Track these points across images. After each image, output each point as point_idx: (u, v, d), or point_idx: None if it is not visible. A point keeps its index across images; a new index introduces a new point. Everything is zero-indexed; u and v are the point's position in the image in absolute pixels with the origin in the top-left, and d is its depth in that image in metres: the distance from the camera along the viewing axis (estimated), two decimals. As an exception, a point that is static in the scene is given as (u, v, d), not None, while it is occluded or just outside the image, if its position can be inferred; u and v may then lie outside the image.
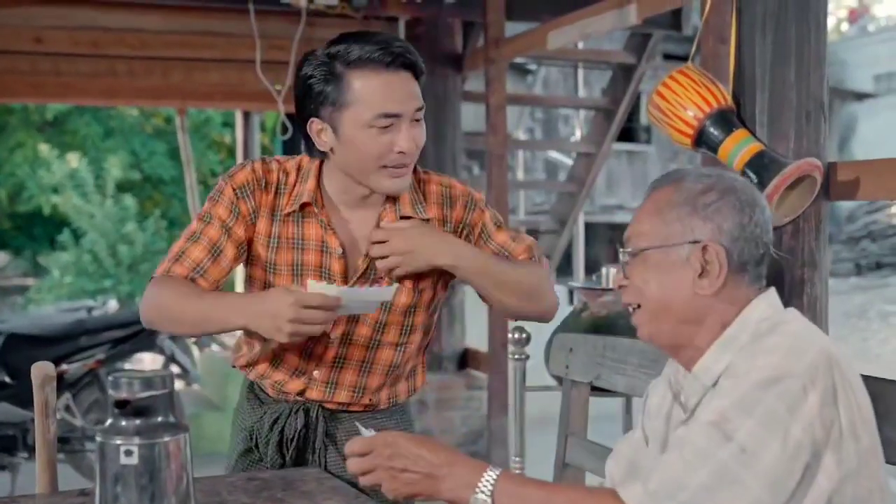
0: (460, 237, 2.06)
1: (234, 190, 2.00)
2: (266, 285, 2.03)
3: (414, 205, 2.03)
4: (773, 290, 1.56)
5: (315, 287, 1.83)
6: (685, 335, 1.53)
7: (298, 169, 2.03)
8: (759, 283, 1.55)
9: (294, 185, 2.02)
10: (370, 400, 2.11)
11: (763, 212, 1.54)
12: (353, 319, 2.04)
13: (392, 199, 2.02)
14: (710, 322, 1.52)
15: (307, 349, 2.06)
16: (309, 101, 1.93)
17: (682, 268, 1.52)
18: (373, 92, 1.87)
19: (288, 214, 2.00)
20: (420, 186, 2.06)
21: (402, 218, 2.01)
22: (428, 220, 2.03)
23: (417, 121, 1.93)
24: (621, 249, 1.60)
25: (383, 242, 1.97)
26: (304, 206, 2.00)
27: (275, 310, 1.80)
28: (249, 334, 2.09)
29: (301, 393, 2.09)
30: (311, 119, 1.94)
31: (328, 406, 2.11)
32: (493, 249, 2.07)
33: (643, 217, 1.58)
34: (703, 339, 1.52)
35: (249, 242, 2.03)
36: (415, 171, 2.05)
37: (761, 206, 1.54)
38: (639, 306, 1.58)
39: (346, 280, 2.01)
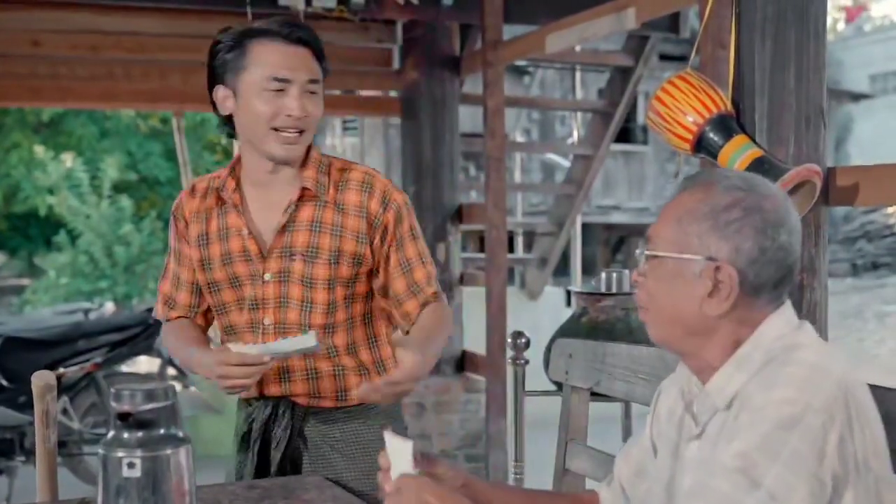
0: (375, 232, 2.14)
1: (173, 215, 2.24)
2: (210, 285, 2.19)
3: (319, 185, 2.14)
4: (788, 305, 1.52)
5: (237, 349, 2.00)
6: (693, 346, 1.51)
7: (232, 168, 2.19)
8: (776, 303, 1.50)
9: (223, 182, 2.18)
10: (327, 351, 2.14)
11: (791, 233, 1.47)
12: (283, 305, 2.14)
13: (299, 175, 2.14)
14: (720, 339, 1.48)
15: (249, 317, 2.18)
16: (216, 68, 2.09)
17: (693, 282, 1.47)
18: (267, 56, 2.05)
19: (209, 208, 2.18)
20: (343, 175, 2.18)
21: (304, 190, 2.12)
22: (326, 202, 2.13)
23: (313, 93, 2.08)
24: (642, 245, 1.57)
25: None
26: (218, 195, 2.17)
27: (208, 369, 2.02)
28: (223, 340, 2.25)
29: (262, 392, 2.18)
30: (217, 86, 2.10)
31: (297, 402, 2.16)
32: (397, 258, 2.18)
33: (667, 220, 1.53)
34: (714, 355, 1.49)
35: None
36: (337, 161, 2.21)
37: (789, 226, 1.47)
38: (648, 311, 1.56)
39: (264, 260, 2.12)
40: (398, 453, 1.51)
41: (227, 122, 2.15)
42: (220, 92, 2.11)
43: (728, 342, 1.48)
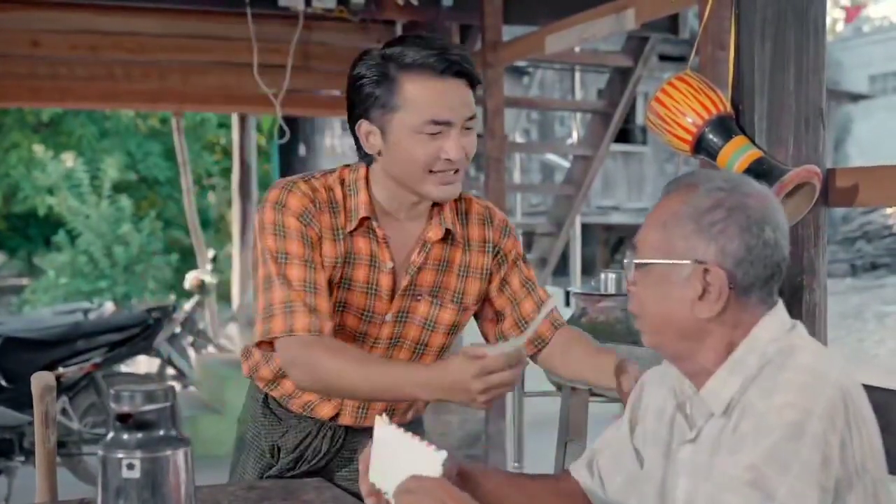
0: (493, 260, 2.05)
1: (297, 219, 1.90)
2: None
3: (454, 221, 2.00)
4: (780, 307, 1.51)
5: (493, 351, 1.69)
6: (686, 350, 1.50)
7: (342, 183, 1.97)
8: (768, 302, 1.49)
9: (343, 201, 1.95)
10: (399, 421, 2.03)
11: (776, 229, 1.46)
12: (394, 345, 2.00)
13: (437, 212, 1.98)
14: (713, 343, 1.47)
15: None
16: (359, 102, 1.88)
17: (683, 286, 1.46)
18: (424, 97, 1.83)
19: (339, 228, 1.93)
20: (460, 206, 2.04)
21: (452, 240, 1.99)
22: (469, 240, 2.02)
23: (468, 129, 1.88)
24: (630, 254, 1.55)
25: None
26: (361, 220, 1.94)
27: (462, 385, 1.69)
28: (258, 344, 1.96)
29: (333, 418, 2.05)
30: (360, 120, 1.89)
31: (357, 427, 2.07)
32: (520, 280, 2.07)
33: (652, 226, 1.52)
34: (708, 359, 1.48)
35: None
36: None
37: (774, 223, 1.46)
38: (639, 318, 1.55)
39: (391, 298, 1.96)
40: (409, 453, 1.49)
41: (367, 154, 1.93)
42: (364, 127, 1.89)
43: (721, 345, 1.47)
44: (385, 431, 1.53)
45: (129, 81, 5.76)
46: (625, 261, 1.57)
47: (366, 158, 1.94)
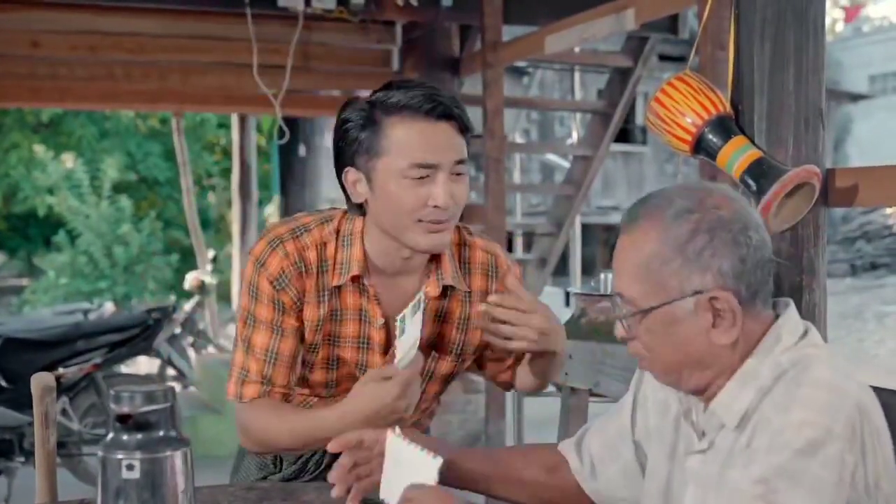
0: None
1: (270, 283, 1.85)
2: (308, 364, 1.93)
3: (455, 276, 1.92)
4: (791, 312, 1.47)
5: (400, 363, 1.72)
6: (705, 378, 1.44)
7: (337, 234, 1.89)
8: (769, 302, 1.45)
9: (335, 255, 1.88)
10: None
11: (759, 229, 1.41)
12: None
13: (434, 267, 1.91)
14: (729, 361, 1.42)
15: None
16: (345, 148, 1.82)
17: (691, 320, 1.39)
18: (408, 139, 1.76)
19: (329, 287, 1.87)
20: (463, 252, 1.97)
21: (448, 292, 1.92)
22: (469, 292, 1.94)
23: (459, 174, 1.80)
24: (618, 307, 1.46)
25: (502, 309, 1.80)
26: (352, 278, 1.87)
27: (387, 409, 1.70)
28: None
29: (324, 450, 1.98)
30: (347, 168, 1.83)
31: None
32: None
33: (630, 273, 1.43)
34: (724, 376, 1.43)
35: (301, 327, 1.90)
36: (458, 231, 1.96)
37: (754, 223, 1.41)
38: (648, 362, 1.48)
39: (385, 351, 1.91)
40: (410, 462, 1.49)
41: (358, 206, 1.86)
42: (351, 175, 1.82)
43: (736, 360, 1.42)
44: (393, 443, 1.54)
45: (128, 82, 5.77)
46: (614, 316, 1.48)
47: (357, 210, 1.87)
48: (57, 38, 5.44)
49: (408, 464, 1.50)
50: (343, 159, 1.84)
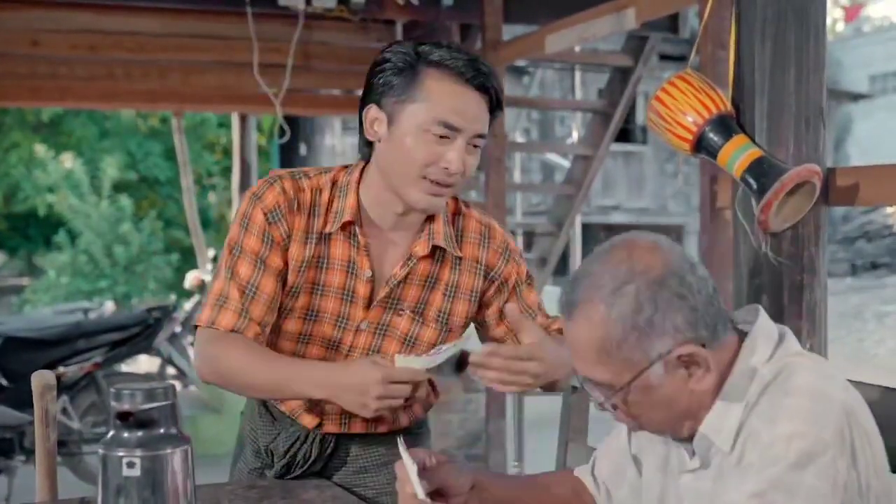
0: (490, 285, 1.99)
1: (264, 215, 1.86)
2: (285, 309, 1.92)
3: (448, 239, 1.93)
4: (762, 315, 1.47)
5: (402, 362, 1.77)
6: (693, 421, 1.44)
7: (333, 184, 1.91)
8: (727, 325, 1.43)
9: (329, 203, 1.90)
10: (388, 428, 2.02)
11: (692, 269, 1.39)
12: (369, 352, 1.95)
13: (428, 226, 1.91)
14: (709, 392, 1.42)
15: None
16: (376, 86, 1.83)
17: (667, 381, 1.39)
18: (442, 97, 1.78)
19: (321, 231, 1.88)
20: (457, 220, 1.98)
21: (440, 256, 1.93)
22: (460, 258, 1.95)
23: (476, 147, 1.83)
24: (594, 394, 1.45)
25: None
26: (344, 224, 1.88)
27: (362, 386, 1.72)
28: None
29: (317, 426, 2.00)
30: (370, 105, 1.84)
31: (344, 434, 2.03)
32: (520, 308, 1.97)
33: (592, 360, 1.41)
34: (706, 407, 1.43)
35: (284, 269, 1.90)
36: (455, 201, 1.98)
37: (685, 266, 1.40)
38: (642, 426, 1.48)
39: (368, 306, 1.91)
40: (409, 469, 1.50)
41: (368, 143, 1.88)
42: (372, 112, 1.83)
43: (713, 381, 1.41)
44: (401, 449, 1.54)
45: (129, 81, 5.77)
46: (596, 404, 1.47)
47: (364, 150, 1.89)
48: (57, 37, 5.44)
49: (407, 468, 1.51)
50: (370, 96, 1.84)
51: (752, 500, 1.31)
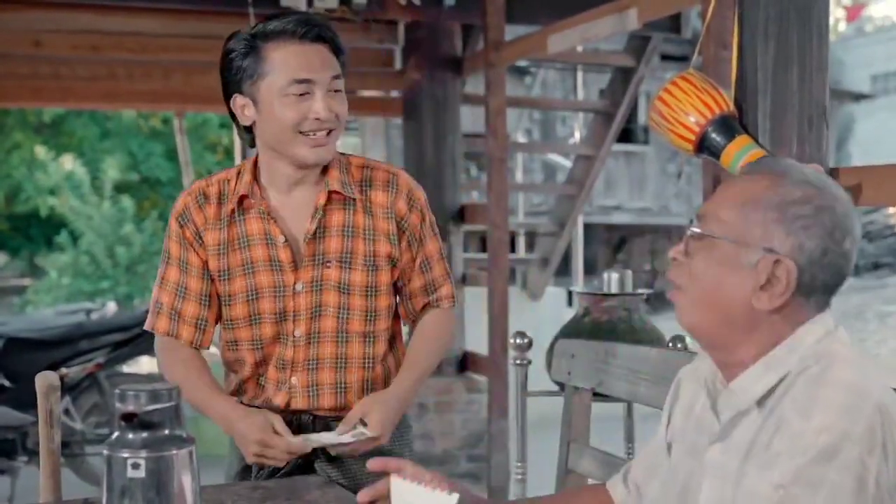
0: (401, 234, 2.10)
1: (176, 220, 2.08)
2: (226, 297, 2.08)
3: (344, 185, 2.06)
4: (827, 312, 1.46)
5: (312, 440, 2.00)
6: (727, 338, 1.44)
7: (238, 173, 2.09)
8: (822, 310, 1.44)
9: (234, 188, 2.07)
10: (356, 399, 2.09)
11: (854, 242, 1.41)
12: (316, 315, 2.07)
13: (323, 178, 2.05)
14: (759, 337, 1.42)
15: (280, 359, 2.09)
16: (231, 77, 2.00)
17: (747, 272, 1.39)
18: (286, 59, 1.95)
19: (231, 214, 2.05)
20: (365, 173, 2.11)
21: (331, 193, 2.05)
22: (355, 199, 2.06)
23: (337, 91, 1.99)
24: (691, 223, 1.47)
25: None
26: (242, 200, 2.05)
27: (242, 439, 1.96)
28: (229, 365, 2.17)
29: (287, 405, 2.09)
30: (234, 95, 2.01)
31: (318, 414, 2.10)
32: (419, 258, 2.13)
33: (727, 201, 1.44)
34: (749, 353, 1.42)
35: (206, 263, 2.09)
36: (354, 158, 2.13)
37: (854, 234, 1.41)
38: (681, 290, 1.47)
39: (296, 267, 2.05)
40: (424, 502, 1.50)
41: (248, 130, 2.06)
42: (238, 101, 2.01)
43: (766, 341, 1.41)
44: (399, 485, 1.55)
45: (130, 81, 5.76)
46: (688, 227, 1.48)
47: (247, 137, 2.06)
48: (59, 37, 5.44)
49: (421, 502, 1.50)
50: (230, 88, 2.01)
51: (773, 494, 1.31)
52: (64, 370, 5.37)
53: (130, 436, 1.39)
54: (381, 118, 9.09)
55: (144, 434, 1.38)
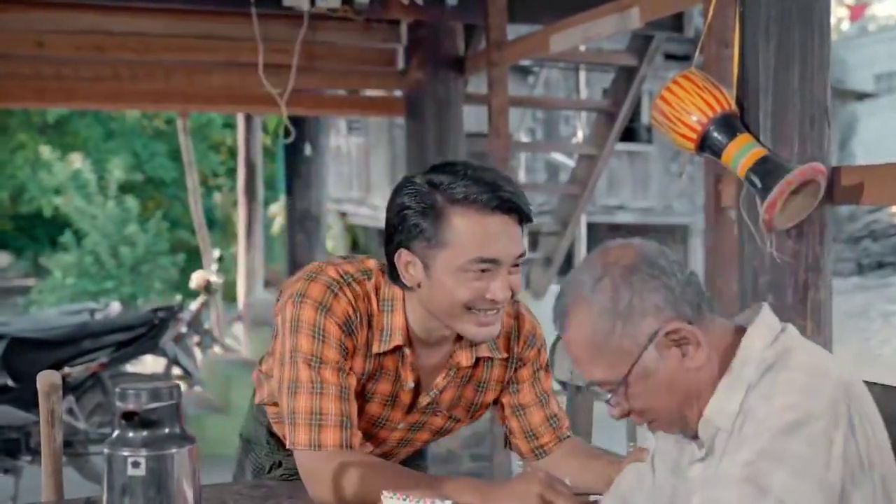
0: (512, 371, 1.98)
1: (339, 327, 1.79)
2: None
3: (490, 346, 1.92)
4: (765, 308, 1.50)
5: (388, 501, 1.62)
6: (699, 406, 1.46)
7: (377, 292, 1.85)
8: (714, 307, 1.47)
9: (378, 316, 1.84)
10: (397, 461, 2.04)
11: (661, 256, 1.44)
12: (402, 446, 1.99)
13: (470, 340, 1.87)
14: (710, 373, 1.45)
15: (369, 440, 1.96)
16: (403, 231, 1.76)
17: (663, 363, 1.42)
18: (473, 235, 1.71)
19: (371, 343, 1.84)
20: (513, 324, 1.96)
21: (479, 359, 1.91)
22: (506, 358, 1.95)
23: (516, 266, 1.77)
24: (597, 394, 1.51)
25: None
26: (395, 347, 1.84)
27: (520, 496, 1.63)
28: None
29: None
30: (401, 250, 1.77)
31: None
32: (535, 392, 2.00)
33: (587, 358, 1.46)
34: (707, 387, 1.45)
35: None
36: (512, 304, 1.94)
37: (654, 254, 1.45)
38: (652, 420, 1.50)
39: (409, 410, 1.92)
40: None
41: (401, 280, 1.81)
42: (404, 257, 1.76)
43: (715, 367, 1.45)
44: (391, 501, 1.54)
45: (134, 82, 5.77)
46: (607, 402, 1.49)
47: (399, 282, 1.81)
48: (62, 38, 5.44)
49: None
50: (398, 240, 1.78)
51: (742, 470, 1.33)
52: (67, 370, 5.40)
53: (131, 434, 1.39)
54: (383, 118, 9.05)
55: (145, 433, 1.39)
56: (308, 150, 8.17)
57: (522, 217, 1.76)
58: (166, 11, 5.43)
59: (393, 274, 1.81)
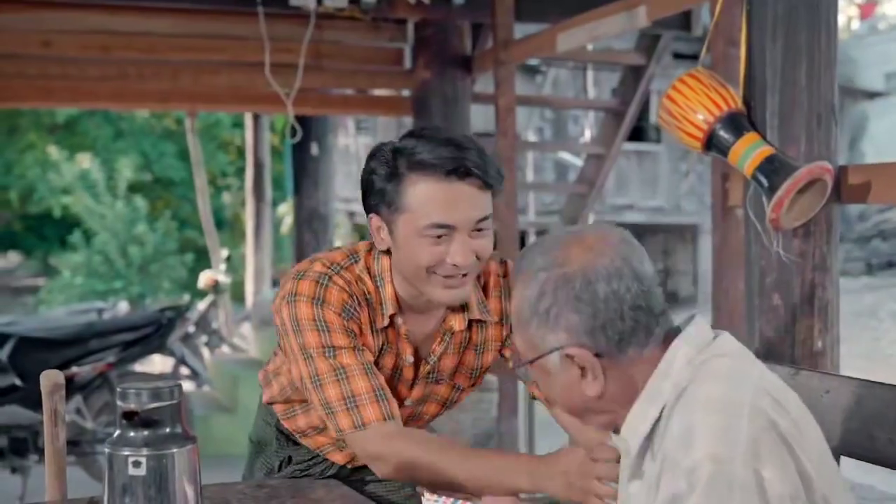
0: (505, 326, 1.98)
1: (338, 315, 1.83)
2: None
3: (481, 307, 1.93)
4: (695, 324, 1.43)
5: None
6: (605, 419, 1.45)
7: (369, 272, 1.89)
8: (656, 342, 1.40)
9: (374, 293, 1.88)
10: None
11: (612, 280, 1.37)
12: (410, 419, 1.99)
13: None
14: (619, 394, 1.40)
15: None
16: (370, 196, 1.81)
17: (562, 374, 1.41)
18: (428, 200, 1.74)
19: (372, 321, 1.88)
20: (479, 278, 1.94)
21: (471, 322, 1.93)
22: (499, 320, 1.96)
23: (480, 230, 1.78)
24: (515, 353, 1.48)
25: None
26: (390, 317, 1.88)
27: (572, 473, 1.63)
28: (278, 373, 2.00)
29: (350, 461, 2.04)
30: (371, 214, 1.83)
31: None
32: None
33: (514, 326, 1.48)
34: (616, 407, 1.43)
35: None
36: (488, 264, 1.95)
37: (604, 274, 1.37)
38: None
39: (412, 386, 1.95)
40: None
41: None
42: (374, 222, 1.82)
43: (629, 391, 1.40)
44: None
45: (140, 82, 5.77)
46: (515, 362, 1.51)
47: (385, 252, 1.87)
48: (69, 38, 5.45)
49: None
50: (369, 206, 1.83)
51: None
52: (75, 369, 5.41)
53: (132, 434, 1.39)
54: (390, 117, 9.05)
55: (146, 432, 1.38)
56: (315, 149, 8.17)
57: (485, 181, 1.76)
58: (173, 11, 5.43)
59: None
